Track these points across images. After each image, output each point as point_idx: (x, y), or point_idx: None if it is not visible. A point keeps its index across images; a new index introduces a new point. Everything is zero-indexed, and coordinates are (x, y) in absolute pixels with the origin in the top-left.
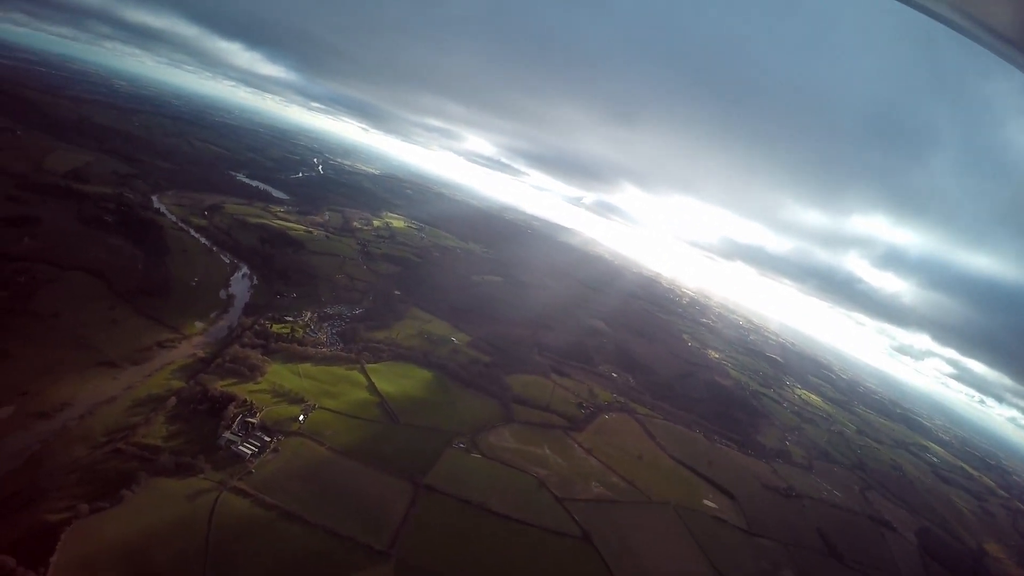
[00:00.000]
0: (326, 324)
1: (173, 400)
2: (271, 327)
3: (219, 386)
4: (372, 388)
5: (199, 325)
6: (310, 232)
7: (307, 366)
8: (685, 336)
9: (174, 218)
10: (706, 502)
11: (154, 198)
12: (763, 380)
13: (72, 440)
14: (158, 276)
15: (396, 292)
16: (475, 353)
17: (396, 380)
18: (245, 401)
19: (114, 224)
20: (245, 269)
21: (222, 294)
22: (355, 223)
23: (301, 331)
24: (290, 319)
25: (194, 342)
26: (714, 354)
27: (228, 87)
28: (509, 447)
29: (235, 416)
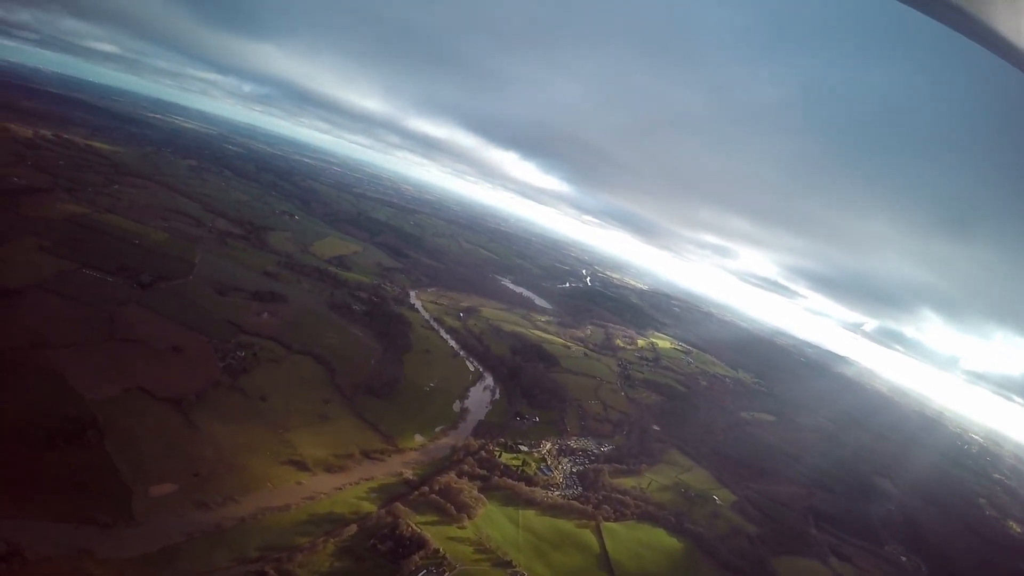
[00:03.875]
0: (566, 460)
1: (354, 528)
2: (500, 456)
3: (414, 522)
4: (603, 558)
5: (418, 439)
6: (568, 347)
7: (530, 513)
8: (981, 500)
9: (427, 315)
10: None
11: (412, 293)
12: None
13: (219, 543)
14: (389, 375)
15: (655, 427)
16: (739, 519)
17: (635, 549)
18: (437, 551)
19: (361, 313)
20: (489, 380)
21: (456, 406)
22: (618, 341)
23: (534, 466)
24: (525, 448)
25: (406, 458)
26: (1015, 527)
27: (508, 197)
28: None
29: (418, 569)
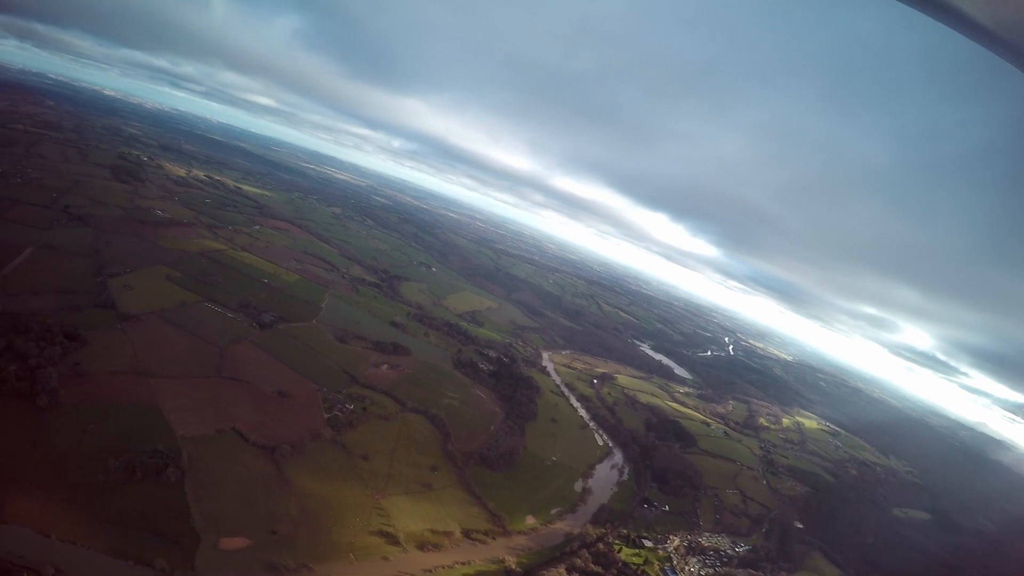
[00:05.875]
0: (695, 560)
1: None
2: (619, 550)
3: None
4: None
5: (530, 521)
6: (707, 424)
7: None
8: None
9: (558, 379)
10: None
11: (545, 354)
12: None
13: None
14: (508, 444)
15: (797, 524)
16: None
17: None
18: None
19: (487, 373)
20: (618, 457)
21: (578, 486)
22: (761, 419)
23: (657, 567)
24: (649, 543)
25: (512, 543)
26: None
27: (652, 259)
28: None
29: None
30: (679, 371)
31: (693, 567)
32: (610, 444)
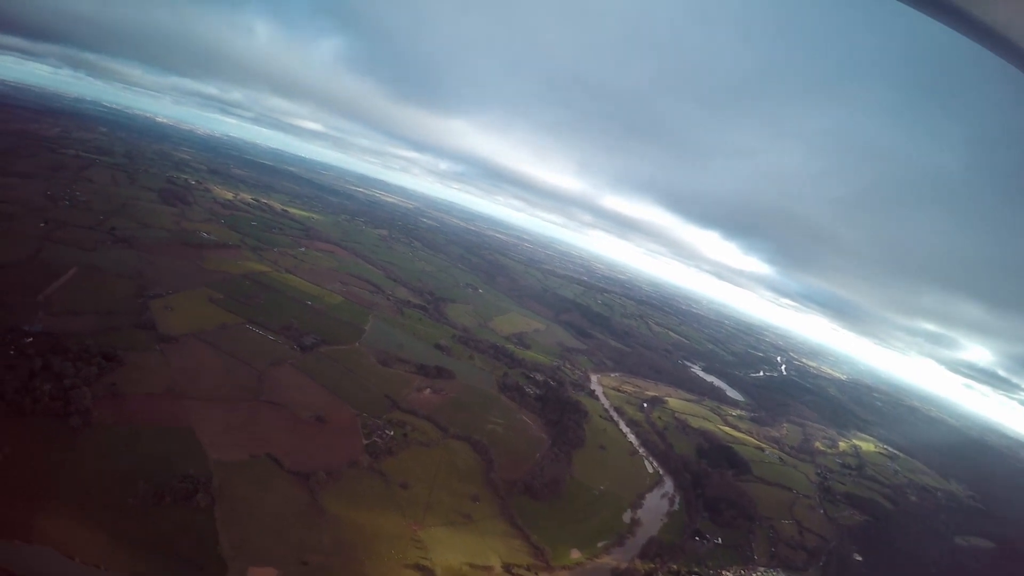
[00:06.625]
0: None
1: None
2: None
3: None
4: None
5: (574, 555)
6: (761, 449)
7: None
8: None
9: (606, 403)
10: None
11: (593, 377)
12: None
13: None
14: (553, 473)
15: (856, 556)
16: None
17: None
18: None
19: (533, 398)
20: (668, 486)
21: (626, 516)
22: (817, 443)
23: None
24: None
25: None
26: None
27: (702, 278)
28: None
29: None
30: (731, 393)
31: None
32: (660, 471)
